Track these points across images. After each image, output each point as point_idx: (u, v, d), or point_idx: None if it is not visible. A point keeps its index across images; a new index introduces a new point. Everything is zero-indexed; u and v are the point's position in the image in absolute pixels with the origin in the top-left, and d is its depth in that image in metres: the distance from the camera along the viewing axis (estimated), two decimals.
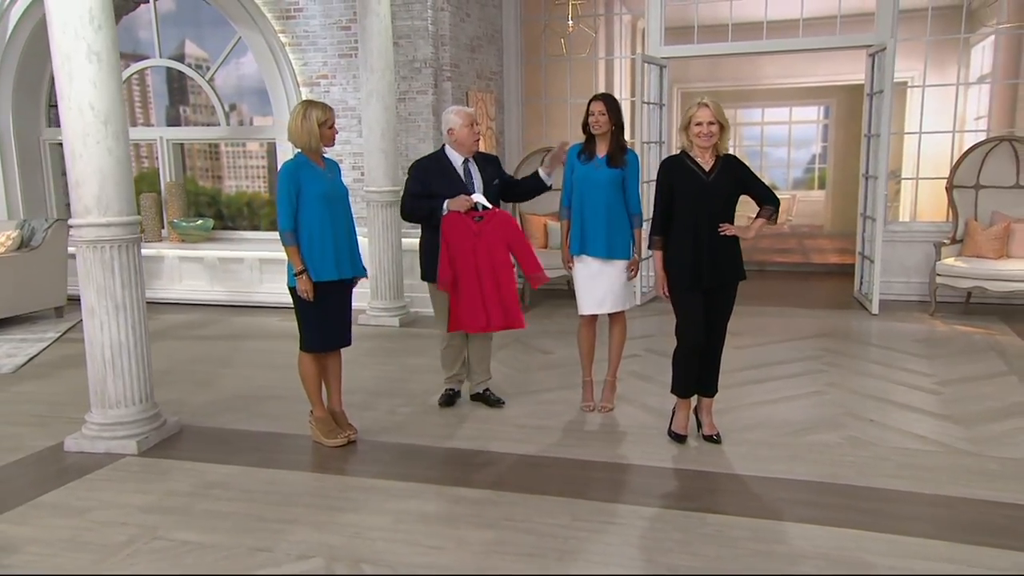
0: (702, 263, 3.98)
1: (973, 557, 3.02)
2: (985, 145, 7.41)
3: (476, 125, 4.63)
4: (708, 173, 3.98)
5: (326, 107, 4.16)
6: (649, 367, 5.63)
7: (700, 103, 3.95)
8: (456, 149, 4.64)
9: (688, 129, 3.98)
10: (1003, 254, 6.98)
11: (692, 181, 3.99)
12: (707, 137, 3.91)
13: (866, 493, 3.60)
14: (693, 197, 3.98)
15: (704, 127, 3.90)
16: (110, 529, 3.43)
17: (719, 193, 3.98)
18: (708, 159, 3.99)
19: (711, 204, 3.97)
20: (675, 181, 4.04)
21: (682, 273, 4.04)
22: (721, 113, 3.95)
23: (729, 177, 4.00)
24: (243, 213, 9.72)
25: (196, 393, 5.29)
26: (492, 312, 4.55)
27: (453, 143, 4.63)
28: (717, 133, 3.93)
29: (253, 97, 8.95)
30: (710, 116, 3.90)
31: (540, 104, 8.82)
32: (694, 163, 4.00)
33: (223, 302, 8.19)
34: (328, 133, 4.17)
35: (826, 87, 11.56)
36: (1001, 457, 3.97)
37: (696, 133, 3.93)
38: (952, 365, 5.58)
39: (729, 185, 4.00)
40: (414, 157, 7.44)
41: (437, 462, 4.13)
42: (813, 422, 4.47)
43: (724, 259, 4.01)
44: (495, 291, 4.54)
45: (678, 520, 3.36)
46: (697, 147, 3.98)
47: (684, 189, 4.01)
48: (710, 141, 3.93)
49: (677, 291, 4.10)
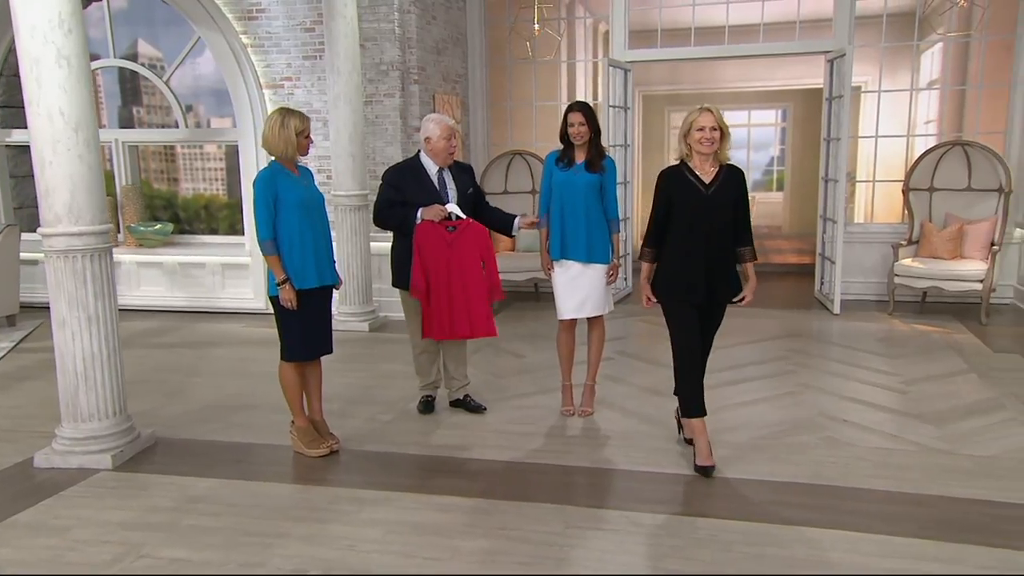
0: (698, 280, 3.85)
1: (960, 555, 3.11)
2: (939, 149, 7.65)
3: (454, 138, 4.60)
4: (708, 186, 3.83)
5: (304, 116, 4.12)
6: (623, 370, 5.68)
7: (702, 108, 3.81)
8: (431, 158, 4.62)
9: (688, 135, 3.82)
10: (957, 255, 7.22)
11: (691, 194, 3.84)
12: (708, 143, 3.76)
13: (850, 494, 3.69)
14: (692, 211, 3.83)
15: (706, 132, 3.75)
16: (93, 548, 3.34)
17: (719, 207, 3.83)
18: (708, 170, 3.84)
19: (711, 219, 3.82)
20: (673, 194, 3.88)
21: (676, 287, 3.91)
22: (722, 119, 3.82)
23: (731, 190, 3.86)
24: (201, 216, 9.51)
25: (167, 404, 5.17)
26: (458, 321, 4.55)
27: (429, 152, 4.61)
28: (718, 140, 3.78)
29: (210, 98, 8.76)
30: (712, 121, 3.76)
31: (505, 107, 8.82)
32: (693, 175, 3.85)
33: (184, 308, 8.02)
34: (304, 143, 4.13)
35: (784, 91, 11.80)
36: (973, 455, 4.10)
37: (698, 139, 3.77)
38: (915, 364, 5.75)
39: (730, 198, 3.85)
40: (382, 160, 7.43)
41: (423, 471, 4.11)
42: (791, 424, 4.56)
43: (720, 277, 3.88)
44: (464, 301, 4.54)
45: (670, 525, 3.41)
46: (697, 156, 3.83)
47: (682, 203, 3.85)
48: (711, 148, 3.78)
49: (671, 304, 3.95)
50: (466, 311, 4.55)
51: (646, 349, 6.28)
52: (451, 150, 4.59)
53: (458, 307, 4.54)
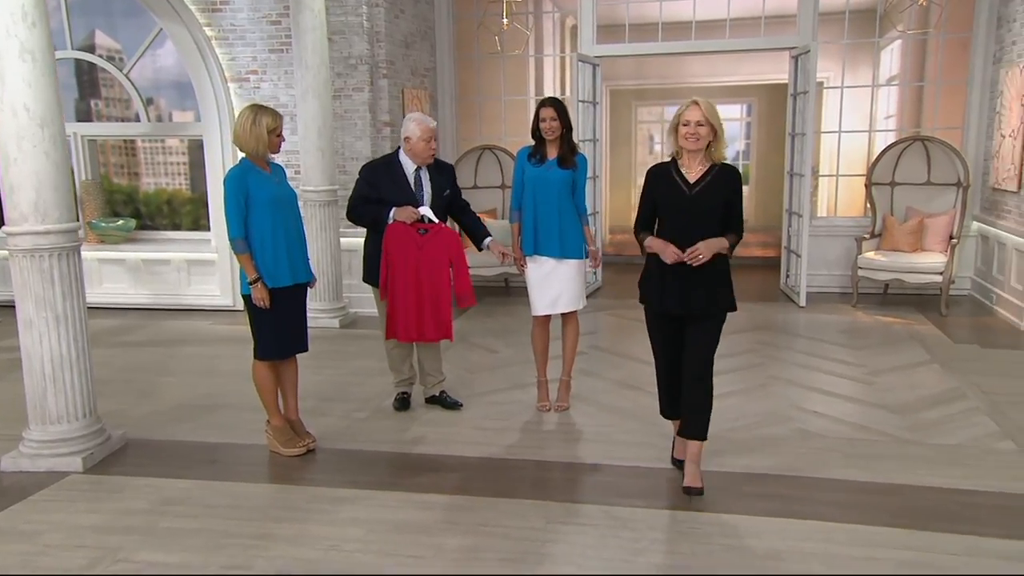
0: (672, 288, 3.57)
1: (930, 543, 3.20)
2: (900, 144, 7.81)
3: (434, 141, 4.56)
4: (692, 186, 3.55)
5: (276, 114, 4.07)
6: (597, 365, 5.72)
7: (691, 101, 3.52)
8: (410, 157, 4.59)
9: (677, 130, 3.56)
10: (918, 248, 7.39)
11: (672, 194, 3.58)
12: (693, 139, 3.46)
13: (823, 484, 3.77)
14: (671, 213, 3.59)
15: (691, 127, 3.45)
16: (67, 553, 3.28)
17: (703, 210, 3.53)
18: (696, 168, 3.55)
19: (692, 222, 3.53)
20: (657, 193, 3.63)
21: (650, 294, 3.68)
22: (714, 114, 3.52)
23: (719, 192, 3.55)
24: (163, 212, 9.35)
25: (137, 404, 5.08)
26: (426, 325, 4.54)
27: (408, 151, 4.58)
28: (706, 136, 3.49)
29: (171, 91, 8.60)
30: (699, 116, 3.46)
31: (474, 101, 8.81)
32: (679, 173, 3.58)
33: (148, 305, 7.88)
34: (276, 140, 4.08)
35: (748, 86, 11.95)
36: (939, 444, 4.22)
37: (684, 134, 3.49)
38: (880, 355, 5.88)
39: (717, 200, 3.55)
40: (351, 156, 7.37)
41: (401, 468, 4.10)
42: (763, 416, 4.64)
43: (699, 286, 3.54)
44: (432, 305, 4.52)
45: (649, 519, 3.45)
46: (686, 153, 3.55)
47: (664, 203, 3.61)
48: (697, 144, 3.47)
49: (646, 312, 3.76)
50: (434, 315, 4.54)
51: (618, 343, 6.33)
52: (431, 151, 4.56)
53: (426, 310, 4.52)
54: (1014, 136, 6.87)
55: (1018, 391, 5.02)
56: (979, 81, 7.69)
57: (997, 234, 7.20)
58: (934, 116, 8.16)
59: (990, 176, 7.47)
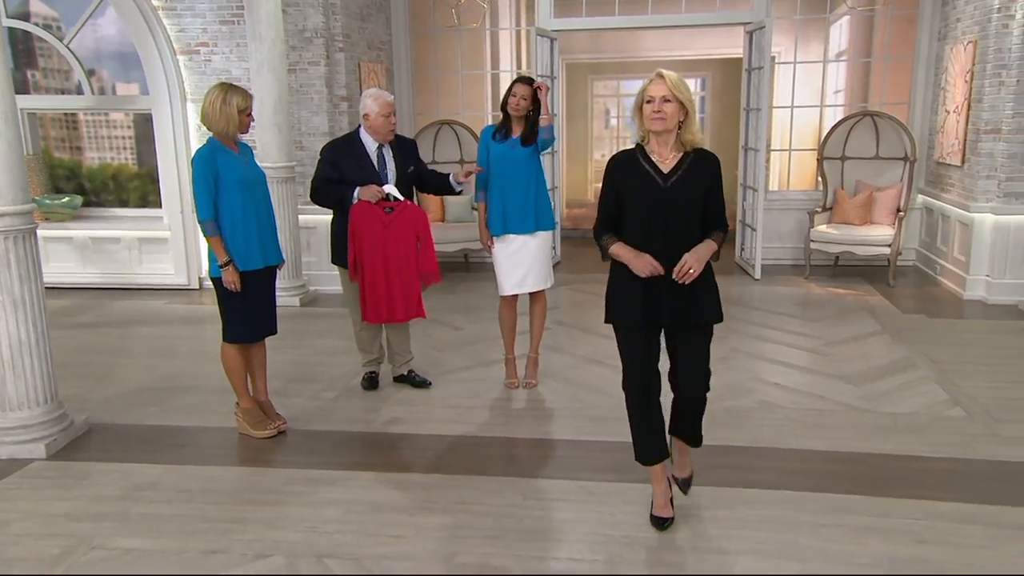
0: (655, 298, 3.03)
1: (890, 509, 3.35)
2: (850, 120, 8.00)
3: (394, 116, 4.50)
4: (667, 176, 3.00)
5: (246, 94, 4.00)
6: (562, 340, 5.78)
7: (656, 73, 2.98)
8: (371, 134, 4.54)
9: (642, 110, 2.99)
10: (867, 220, 7.61)
11: (643, 187, 3.01)
12: (659, 119, 2.92)
13: (786, 455, 3.91)
14: (643, 209, 3.01)
15: (656, 104, 2.91)
16: (39, 542, 3.23)
17: (681, 204, 2.99)
18: (669, 155, 3.01)
19: (668, 218, 2.99)
20: (624, 186, 3.05)
21: (624, 308, 3.09)
22: (682, 88, 2.94)
23: (698, 182, 3.01)
24: (108, 187, 9.08)
25: (97, 388, 4.98)
26: (396, 304, 4.54)
27: (368, 128, 4.52)
28: (674, 115, 2.93)
29: (113, 61, 8.32)
30: (665, 90, 2.91)
31: (430, 75, 8.72)
32: (649, 161, 3.02)
33: (98, 285, 7.69)
34: (246, 120, 4.01)
35: (702, 60, 12.05)
36: (893, 412, 4.40)
37: (648, 114, 2.94)
38: (834, 327, 6.07)
39: (698, 192, 3.01)
40: (308, 131, 7.27)
41: (375, 448, 4.12)
42: (726, 389, 4.75)
43: (687, 294, 3.02)
44: (400, 283, 4.52)
45: (624, 492, 3.53)
46: (653, 137, 3.00)
47: (633, 197, 3.03)
48: (663, 125, 2.92)
49: (620, 329, 3.15)
50: (403, 294, 4.54)
51: (580, 318, 6.40)
52: (391, 126, 4.51)
53: (396, 290, 4.52)
54: (958, 112, 7.09)
55: (964, 359, 5.24)
56: (925, 57, 7.89)
57: (941, 207, 7.45)
58: (882, 91, 8.36)
59: (935, 150, 7.70)
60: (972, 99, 6.86)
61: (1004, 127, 6.56)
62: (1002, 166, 6.62)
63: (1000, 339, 5.77)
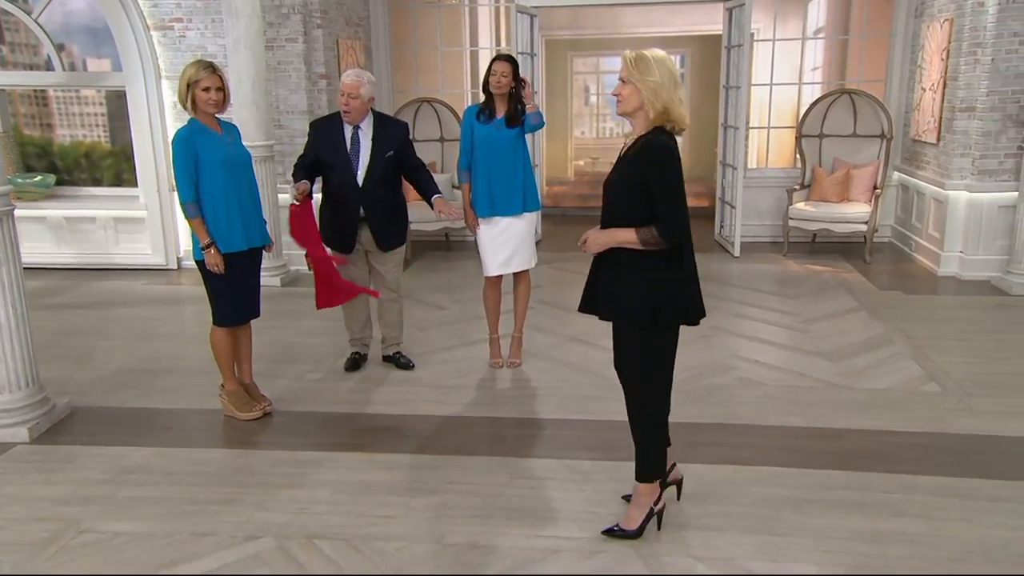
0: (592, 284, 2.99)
1: (868, 483, 3.44)
2: (828, 97, 8.05)
3: (348, 97, 4.35)
4: (616, 162, 2.91)
5: (205, 66, 3.83)
6: (545, 319, 5.81)
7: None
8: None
9: None
10: (844, 198, 7.69)
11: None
12: (617, 102, 2.83)
13: (767, 431, 3.98)
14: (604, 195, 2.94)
15: (617, 87, 2.83)
16: (27, 526, 3.23)
17: (611, 192, 2.87)
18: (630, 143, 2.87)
19: (607, 207, 2.89)
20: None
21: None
22: (642, 68, 2.72)
23: (631, 169, 2.79)
24: (81, 166, 8.94)
25: (78, 371, 4.95)
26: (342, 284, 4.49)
27: None
28: (628, 97, 2.77)
29: (84, 36, 8.15)
30: (624, 72, 2.78)
31: (409, 52, 8.64)
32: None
33: (73, 265, 7.59)
34: (202, 96, 3.81)
35: (682, 37, 12.02)
36: (870, 388, 4.48)
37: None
38: (812, 304, 6.15)
39: (626, 181, 2.81)
40: (286, 109, 7.20)
41: (361, 429, 4.14)
42: (707, 366, 4.83)
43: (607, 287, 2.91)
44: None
45: (609, 471, 3.58)
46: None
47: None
48: (620, 107, 2.83)
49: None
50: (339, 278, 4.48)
51: (561, 296, 6.42)
52: (345, 107, 4.38)
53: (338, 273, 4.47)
54: (934, 90, 7.17)
55: (938, 335, 5.35)
56: (901, 34, 7.94)
57: (917, 184, 7.54)
58: (859, 69, 8.42)
59: (911, 128, 7.78)
60: (948, 77, 6.93)
61: (979, 105, 6.64)
62: (976, 144, 6.70)
63: (973, 315, 5.89)
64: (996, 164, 6.68)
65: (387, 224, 4.60)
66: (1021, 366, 4.79)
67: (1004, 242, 6.64)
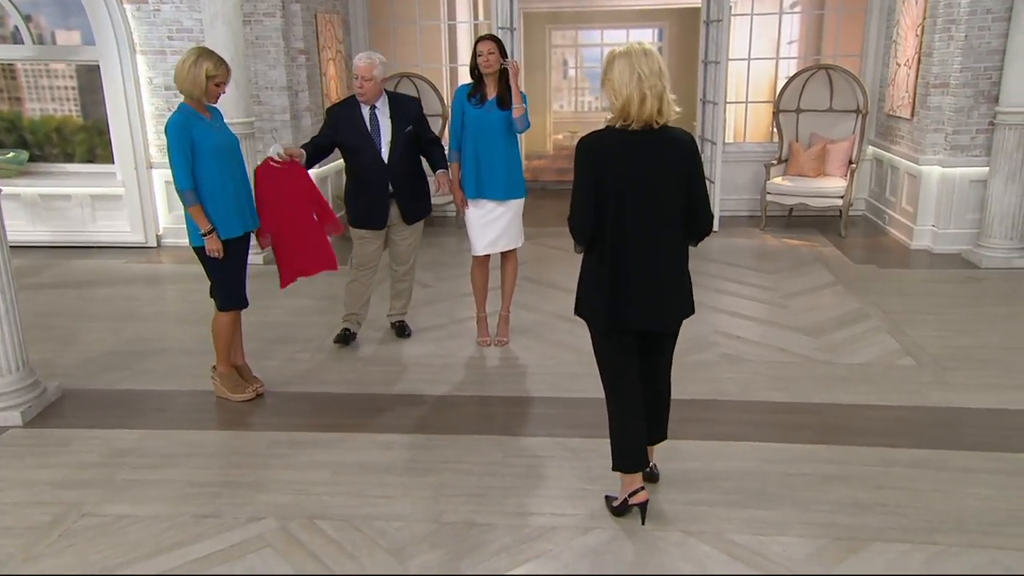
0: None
1: (848, 456, 3.57)
2: (805, 72, 8.13)
3: (363, 80, 4.51)
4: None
5: (221, 63, 3.91)
6: (531, 297, 5.87)
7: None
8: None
9: None
10: (821, 172, 7.81)
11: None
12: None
13: (750, 407, 4.10)
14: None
15: None
16: (28, 510, 3.26)
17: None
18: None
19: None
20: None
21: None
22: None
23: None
24: (52, 141, 8.79)
25: (64, 352, 4.94)
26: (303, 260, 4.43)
27: None
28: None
29: (52, 8, 7.98)
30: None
31: (387, 26, 8.57)
32: None
33: (50, 243, 7.52)
34: (214, 90, 3.92)
35: (660, 10, 12.00)
36: (848, 363, 4.62)
37: None
38: (790, 279, 6.28)
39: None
40: (265, 85, 7.14)
41: (355, 409, 4.19)
42: (690, 342, 4.90)
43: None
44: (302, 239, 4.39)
45: (600, 448, 3.62)
46: None
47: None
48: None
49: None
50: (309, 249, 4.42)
51: (545, 273, 6.50)
52: (363, 90, 4.55)
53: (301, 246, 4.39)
54: (909, 65, 7.27)
55: (913, 309, 5.50)
56: (877, 9, 8.02)
57: (891, 158, 7.68)
58: (835, 43, 8.50)
59: (885, 103, 7.90)
60: (922, 53, 7.03)
61: (952, 81, 6.76)
62: (949, 120, 6.83)
63: (945, 288, 6.05)
64: (968, 140, 6.82)
65: (412, 199, 4.79)
66: (991, 339, 4.95)
67: (975, 216, 6.80)
